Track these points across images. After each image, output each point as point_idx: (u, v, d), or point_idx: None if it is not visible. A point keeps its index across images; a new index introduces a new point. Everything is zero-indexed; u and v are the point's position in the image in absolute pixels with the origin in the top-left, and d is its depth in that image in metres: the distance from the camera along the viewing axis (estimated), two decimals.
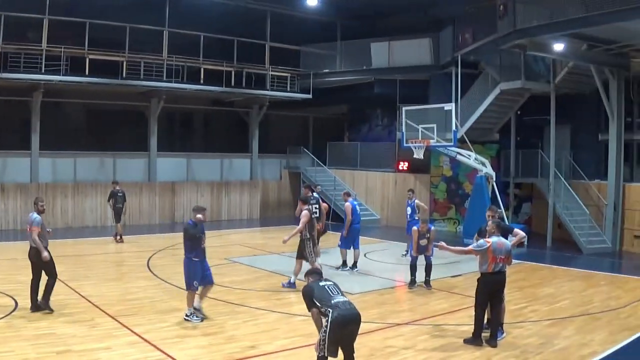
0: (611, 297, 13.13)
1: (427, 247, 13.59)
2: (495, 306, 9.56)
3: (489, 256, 9.32)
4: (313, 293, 7.51)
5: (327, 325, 7.13)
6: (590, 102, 21.96)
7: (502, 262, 9.38)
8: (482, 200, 19.96)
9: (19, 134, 24.96)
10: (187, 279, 10.62)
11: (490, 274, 9.39)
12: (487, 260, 9.35)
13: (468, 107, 22.67)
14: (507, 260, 9.47)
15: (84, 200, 23.35)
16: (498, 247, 9.35)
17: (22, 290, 12.14)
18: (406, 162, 25.97)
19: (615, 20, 15.50)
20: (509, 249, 9.52)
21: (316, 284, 7.68)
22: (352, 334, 7.34)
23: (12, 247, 18.43)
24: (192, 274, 10.53)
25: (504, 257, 9.39)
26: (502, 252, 9.36)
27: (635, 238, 20.03)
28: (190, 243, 10.59)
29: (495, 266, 9.35)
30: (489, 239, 9.51)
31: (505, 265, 9.52)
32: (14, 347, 8.66)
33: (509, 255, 9.49)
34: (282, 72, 27.76)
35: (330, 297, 7.37)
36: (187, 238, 10.64)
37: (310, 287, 7.66)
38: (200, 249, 10.67)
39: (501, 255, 9.35)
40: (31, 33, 23.19)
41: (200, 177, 27.52)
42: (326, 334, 7.13)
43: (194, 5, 25.26)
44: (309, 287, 7.67)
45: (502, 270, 9.47)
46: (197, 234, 10.61)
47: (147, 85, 24.11)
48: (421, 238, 13.51)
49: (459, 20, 24.04)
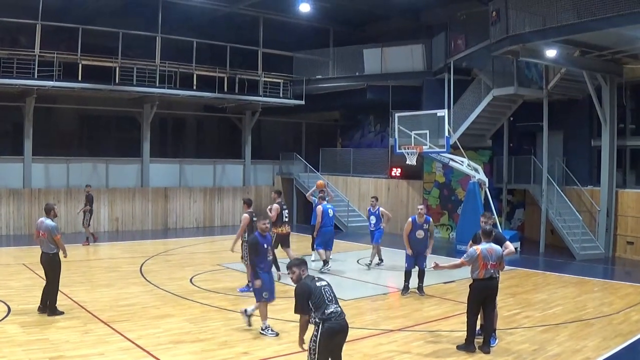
0: (604, 303, 13.16)
1: (428, 243, 13.56)
2: (487, 313, 9.55)
3: (480, 263, 9.35)
4: (310, 295, 6.88)
5: (317, 337, 6.85)
6: (582, 108, 22.05)
7: (493, 268, 9.39)
8: (474, 207, 19.99)
9: (12, 139, 24.92)
10: (256, 291, 10.29)
11: (481, 280, 9.41)
12: (478, 267, 9.37)
13: (461, 113, 22.72)
14: (498, 266, 9.49)
15: (76, 205, 23.22)
16: (488, 253, 9.39)
17: (15, 295, 12.15)
18: (399, 168, 25.99)
19: (607, 26, 15.57)
20: (500, 254, 9.54)
21: (313, 283, 7.00)
22: (340, 344, 7.10)
23: (5, 253, 18.36)
24: (263, 285, 10.13)
25: (495, 263, 9.41)
26: (493, 258, 9.39)
27: (627, 244, 20.10)
28: (256, 256, 10.20)
29: (486, 272, 9.36)
30: (478, 246, 9.55)
31: (497, 272, 9.54)
32: (7, 352, 8.62)
33: (500, 261, 9.52)
34: (275, 78, 27.77)
35: (325, 305, 6.85)
36: (252, 251, 10.30)
37: (307, 287, 6.95)
38: (267, 261, 10.34)
39: (492, 261, 9.37)
40: (24, 38, 23.18)
41: (193, 182, 27.48)
42: (316, 345, 6.85)
43: (187, 11, 25.28)
44: (306, 286, 6.96)
45: (494, 276, 9.47)
46: (263, 246, 10.21)
47: (139, 91, 24.05)
48: (418, 229, 13.42)
49: (451, 27, 24.14)
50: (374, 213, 17.40)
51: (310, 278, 7.15)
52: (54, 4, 22.86)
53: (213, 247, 20.72)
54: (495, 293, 9.67)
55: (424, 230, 13.50)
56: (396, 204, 26.00)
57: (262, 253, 10.19)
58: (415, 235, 13.50)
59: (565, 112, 22.43)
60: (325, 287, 7.03)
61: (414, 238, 13.54)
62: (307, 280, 7.09)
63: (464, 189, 22.73)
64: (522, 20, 17.54)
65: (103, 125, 28.49)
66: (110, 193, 24.71)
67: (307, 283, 7.04)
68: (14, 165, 22.95)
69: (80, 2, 23.92)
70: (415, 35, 26.18)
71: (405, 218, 25.07)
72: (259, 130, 31.73)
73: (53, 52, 21.70)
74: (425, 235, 13.53)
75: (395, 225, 25.38)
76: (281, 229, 15.09)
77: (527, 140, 24.03)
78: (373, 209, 17.47)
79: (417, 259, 13.62)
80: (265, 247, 10.24)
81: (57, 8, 23.36)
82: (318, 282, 7.06)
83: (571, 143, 22.78)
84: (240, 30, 27.67)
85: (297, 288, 7.04)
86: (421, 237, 13.50)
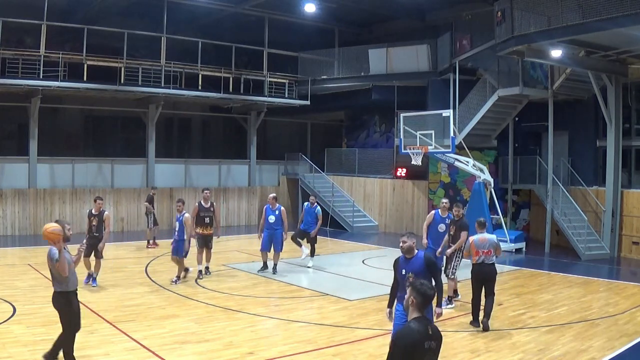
0: (609, 304, 13.14)
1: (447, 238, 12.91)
2: (487, 294, 10.87)
3: (473, 250, 10.99)
4: None
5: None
6: (588, 108, 22.02)
7: (485, 254, 10.85)
8: (480, 207, 19.96)
9: (17, 140, 25.02)
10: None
11: (476, 265, 10.97)
12: (473, 254, 11.03)
13: (466, 113, 22.72)
14: (489, 253, 10.89)
15: (82, 206, 23.30)
16: (480, 242, 10.98)
17: (20, 296, 12.18)
18: (404, 169, 25.97)
19: (612, 26, 15.55)
20: (494, 242, 11.01)
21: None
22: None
23: (10, 253, 18.42)
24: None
25: (487, 251, 10.87)
26: (485, 246, 10.90)
27: (633, 244, 20.06)
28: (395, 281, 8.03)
29: (479, 258, 10.89)
30: (471, 236, 11.28)
31: (490, 258, 10.90)
32: (12, 352, 8.65)
33: (495, 248, 10.99)
34: (280, 79, 27.79)
35: None
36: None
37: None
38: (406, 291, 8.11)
39: (483, 249, 10.88)
40: (29, 39, 23.23)
41: (198, 183, 27.48)
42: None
43: (192, 12, 25.33)
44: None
45: (486, 262, 10.87)
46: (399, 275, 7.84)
47: (145, 91, 24.09)
48: (440, 223, 13.13)
49: (456, 27, 24.14)
50: (312, 210, 16.98)
51: None
52: (59, 4, 22.96)
53: (218, 247, 20.67)
54: (492, 279, 10.92)
55: (446, 224, 13.05)
56: (401, 204, 26.02)
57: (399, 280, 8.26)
58: (437, 229, 13.16)
59: (570, 112, 22.39)
60: None
61: (434, 231, 13.21)
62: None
63: (469, 189, 22.70)
64: (527, 21, 17.53)
65: (108, 125, 28.56)
66: (115, 193, 24.76)
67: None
68: (19, 166, 23.01)
69: (86, 3, 23.99)
70: (420, 36, 26.15)
71: (410, 218, 25.42)
72: (264, 131, 31.78)
73: (58, 53, 21.76)
74: (446, 229, 13.01)
75: (401, 225, 25.43)
76: (201, 229, 14.90)
77: (532, 141, 23.99)
78: (312, 206, 17.02)
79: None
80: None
81: (62, 8, 23.45)
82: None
83: (576, 143, 22.73)
84: (245, 31, 27.70)
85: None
86: (442, 230, 13.08)
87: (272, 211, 15.40)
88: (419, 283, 5.32)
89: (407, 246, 7.45)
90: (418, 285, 5.28)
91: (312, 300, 13.18)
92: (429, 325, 5.12)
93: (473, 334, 10.46)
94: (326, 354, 9.23)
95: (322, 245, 20.84)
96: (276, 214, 15.34)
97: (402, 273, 7.54)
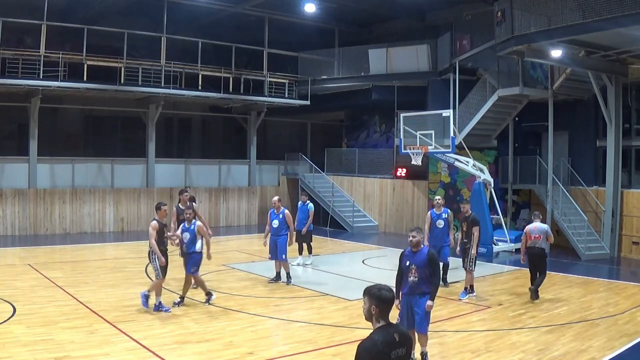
0: (609, 304, 13.13)
1: (449, 233, 14.44)
2: (539, 275, 13.32)
3: (528, 235, 13.41)
4: None
5: None
6: (588, 108, 22.01)
7: (535, 239, 13.18)
8: (480, 207, 19.92)
9: (17, 140, 25.01)
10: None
11: (529, 248, 13.35)
12: (527, 238, 13.39)
13: (466, 113, 22.72)
14: (539, 238, 13.14)
15: (82, 206, 23.32)
16: (533, 229, 13.29)
17: (20, 296, 12.18)
18: (404, 169, 25.96)
19: (612, 26, 15.54)
20: (544, 229, 13.18)
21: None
22: None
23: (10, 253, 18.39)
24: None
25: (537, 236, 13.16)
26: (535, 232, 13.17)
27: (633, 244, 20.06)
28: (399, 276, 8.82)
29: (531, 243, 13.24)
30: (528, 225, 13.65)
31: (540, 242, 13.13)
32: (13, 352, 8.64)
33: (545, 234, 13.17)
34: (280, 79, 27.79)
35: None
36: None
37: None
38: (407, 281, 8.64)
39: (535, 234, 13.18)
40: (29, 39, 23.24)
41: (198, 183, 27.48)
42: None
43: (192, 12, 25.33)
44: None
45: (537, 246, 13.16)
46: (403, 266, 8.72)
47: (145, 91, 24.08)
48: (437, 219, 14.34)
49: (456, 27, 24.14)
50: (303, 207, 16.96)
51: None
52: (59, 4, 22.96)
53: (218, 247, 20.67)
54: (540, 259, 13.15)
55: (444, 219, 14.33)
56: (401, 204, 26.01)
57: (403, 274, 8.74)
58: (436, 226, 14.36)
59: (570, 112, 22.39)
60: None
61: (434, 228, 14.37)
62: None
63: (469, 189, 22.69)
64: (527, 21, 17.52)
65: (108, 125, 28.56)
66: (115, 193, 24.75)
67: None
68: (19, 166, 23.00)
69: (86, 3, 23.99)
70: (420, 36, 26.15)
71: (410, 218, 25.40)
72: (265, 131, 31.77)
73: (58, 53, 21.76)
74: (445, 224, 14.33)
75: (401, 225, 25.43)
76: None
77: (532, 141, 23.98)
78: (304, 204, 16.95)
79: (441, 250, 13.94)
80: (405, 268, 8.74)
81: (62, 8, 23.46)
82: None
83: (576, 143, 22.72)
84: (245, 31, 27.71)
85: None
86: (441, 226, 14.32)
87: (275, 215, 14.72)
88: (376, 289, 4.76)
89: (416, 241, 8.45)
90: (375, 291, 4.74)
91: (312, 300, 13.17)
92: (395, 332, 4.66)
93: (473, 334, 10.46)
94: (326, 354, 9.23)
95: (322, 245, 20.86)
96: (280, 218, 14.70)
97: (407, 264, 8.52)
